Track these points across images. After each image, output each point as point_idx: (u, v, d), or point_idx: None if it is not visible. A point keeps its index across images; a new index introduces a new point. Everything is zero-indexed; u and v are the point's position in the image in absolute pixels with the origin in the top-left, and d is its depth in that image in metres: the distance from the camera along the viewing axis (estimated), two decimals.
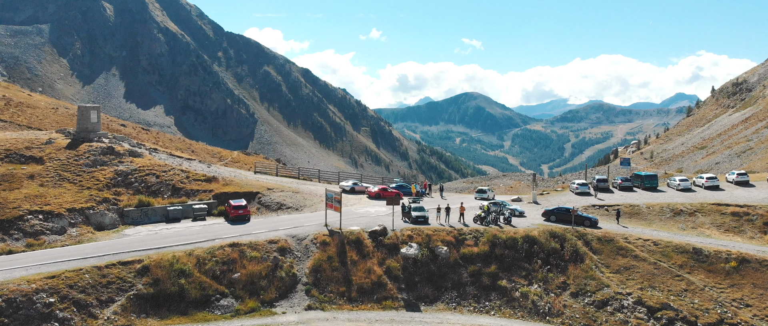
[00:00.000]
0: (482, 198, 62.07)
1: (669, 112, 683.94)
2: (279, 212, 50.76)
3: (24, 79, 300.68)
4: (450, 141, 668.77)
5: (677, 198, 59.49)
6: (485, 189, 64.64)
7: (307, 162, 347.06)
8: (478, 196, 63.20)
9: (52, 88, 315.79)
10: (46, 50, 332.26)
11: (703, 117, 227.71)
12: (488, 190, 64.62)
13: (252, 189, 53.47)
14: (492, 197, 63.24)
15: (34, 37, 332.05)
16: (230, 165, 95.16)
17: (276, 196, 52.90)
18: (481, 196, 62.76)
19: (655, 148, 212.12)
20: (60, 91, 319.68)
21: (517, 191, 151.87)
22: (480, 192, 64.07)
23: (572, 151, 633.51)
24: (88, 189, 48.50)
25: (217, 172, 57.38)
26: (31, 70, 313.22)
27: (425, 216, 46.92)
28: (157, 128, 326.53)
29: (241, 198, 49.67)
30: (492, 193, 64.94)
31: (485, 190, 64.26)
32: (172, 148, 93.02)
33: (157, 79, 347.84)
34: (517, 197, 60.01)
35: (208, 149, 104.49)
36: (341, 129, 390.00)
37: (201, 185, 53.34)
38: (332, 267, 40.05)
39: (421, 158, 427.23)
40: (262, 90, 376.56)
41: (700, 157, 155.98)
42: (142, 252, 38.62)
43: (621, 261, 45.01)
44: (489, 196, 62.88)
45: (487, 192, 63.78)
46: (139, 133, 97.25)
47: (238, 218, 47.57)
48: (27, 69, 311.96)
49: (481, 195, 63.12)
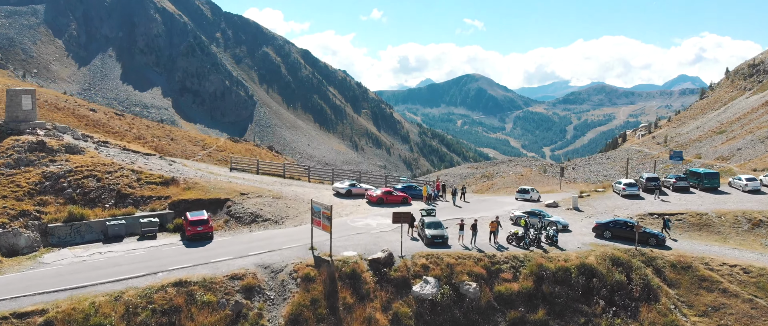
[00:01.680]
0: (524, 199, 51.64)
1: (672, 93, 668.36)
2: (253, 226, 38.50)
3: (18, 61, 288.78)
4: (451, 123, 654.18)
5: (749, 204, 47.27)
6: (528, 189, 53.29)
7: (308, 145, 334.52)
8: (520, 197, 52.42)
9: (47, 70, 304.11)
10: (41, 31, 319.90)
11: (718, 99, 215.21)
12: (532, 190, 53.30)
13: (220, 195, 41.17)
14: (537, 198, 52.36)
15: (29, 17, 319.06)
16: (214, 155, 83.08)
17: (250, 204, 40.61)
18: (523, 197, 52.11)
19: (668, 131, 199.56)
20: (55, 72, 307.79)
21: (530, 181, 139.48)
22: (522, 192, 52.98)
23: (574, 133, 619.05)
24: (3, 199, 36.34)
25: (179, 172, 45.03)
26: (26, 52, 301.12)
27: (444, 237, 34.60)
28: (154, 110, 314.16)
29: (203, 210, 37.37)
30: (537, 194, 53.58)
31: (528, 190, 53.05)
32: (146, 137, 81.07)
33: (154, 61, 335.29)
34: (552, 201, 47.77)
35: (191, 136, 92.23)
36: (341, 111, 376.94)
37: (155, 190, 41.09)
38: (318, 317, 27.89)
39: (422, 141, 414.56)
40: (260, 72, 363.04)
41: (719, 143, 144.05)
42: (53, 295, 26.62)
43: (706, 297, 32.94)
44: (533, 197, 52.15)
45: (531, 192, 52.67)
46: (110, 119, 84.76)
47: (197, 237, 35.38)
48: (21, 50, 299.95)
49: (523, 196, 52.31)
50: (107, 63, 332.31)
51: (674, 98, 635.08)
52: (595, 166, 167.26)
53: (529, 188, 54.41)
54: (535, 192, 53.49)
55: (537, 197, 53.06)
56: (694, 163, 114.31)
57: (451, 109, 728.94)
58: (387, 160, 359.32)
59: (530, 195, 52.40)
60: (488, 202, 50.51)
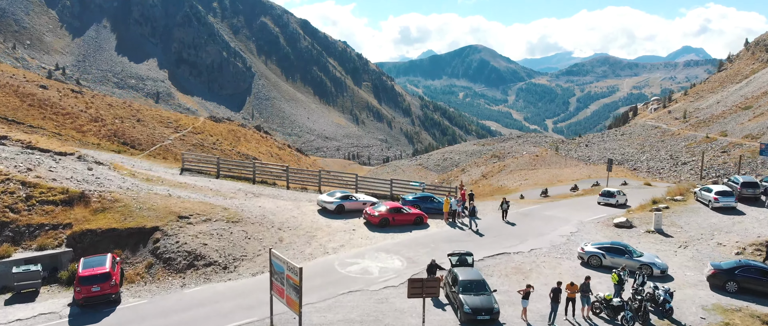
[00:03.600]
0: (608, 203, 41.23)
1: (676, 65, 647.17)
2: (189, 275, 24.39)
3: (11, 32, 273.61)
4: (453, 96, 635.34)
5: None
6: (614, 192, 42.20)
7: (307, 118, 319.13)
8: (603, 200, 41.92)
9: (40, 42, 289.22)
10: (34, 1, 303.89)
11: (739, 72, 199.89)
12: (618, 193, 42.14)
13: (146, 222, 26.96)
14: (624, 202, 41.55)
15: None
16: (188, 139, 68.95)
17: (191, 235, 26.47)
18: (607, 200, 41.58)
19: (686, 106, 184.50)
20: (49, 44, 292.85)
21: (546, 162, 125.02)
22: (607, 195, 41.99)
23: (577, 105, 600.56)
24: None
25: (98, 182, 30.69)
26: (19, 22, 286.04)
27: (493, 310, 20.19)
28: (150, 83, 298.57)
29: (105, 257, 23.21)
30: (624, 197, 42.14)
31: (613, 193, 42.03)
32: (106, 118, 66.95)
33: (149, 31, 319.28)
34: (624, 220, 33.51)
35: (162, 116, 78.24)
36: (342, 84, 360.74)
37: (52, 214, 27.00)
38: None
39: (424, 114, 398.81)
40: (259, 42, 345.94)
41: (745, 119, 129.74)
42: None
43: None
44: (619, 201, 41.33)
45: (616, 196, 41.63)
46: (63, 97, 70.33)
47: (92, 302, 21.51)
48: (14, 21, 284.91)
49: (608, 200, 41.57)
50: (102, 34, 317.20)
51: (678, 70, 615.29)
52: (610, 143, 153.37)
53: (615, 191, 42.49)
54: (621, 196, 41.79)
55: (623, 201, 41.66)
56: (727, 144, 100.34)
57: (453, 80, 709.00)
58: (388, 133, 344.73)
59: (616, 199, 41.18)
60: (535, 218, 35.87)
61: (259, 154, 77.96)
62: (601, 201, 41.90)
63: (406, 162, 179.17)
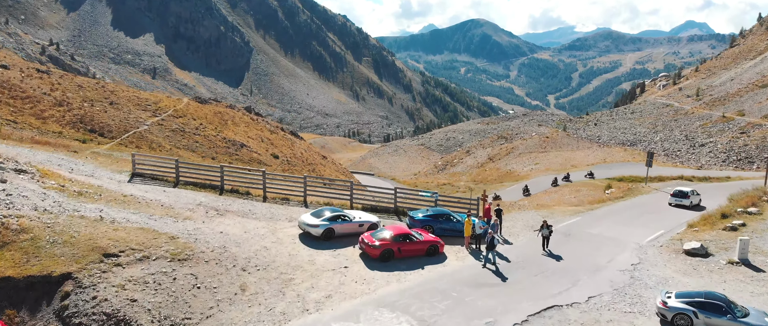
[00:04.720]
0: (680, 205, 38.00)
1: (680, 40, 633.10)
2: None
3: (5, 6, 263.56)
4: (454, 71, 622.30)
5: None
6: (687, 192, 38.57)
7: (306, 94, 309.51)
8: (675, 201, 38.49)
9: (35, 16, 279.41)
10: None
11: (753, 48, 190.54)
12: (692, 193, 38.44)
13: (55, 265, 18.86)
14: (697, 203, 38.39)
15: None
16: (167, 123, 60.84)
17: (115, 287, 18.35)
18: (679, 201, 38.23)
19: (697, 83, 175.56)
20: (43, 18, 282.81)
21: (556, 144, 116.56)
22: (679, 196, 38.45)
23: (579, 81, 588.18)
24: None
25: (3, 204, 22.39)
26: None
27: None
28: (147, 58, 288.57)
29: None
30: (698, 197, 38.75)
31: (687, 193, 38.45)
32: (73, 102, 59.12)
33: (145, 5, 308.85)
34: (697, 246, 25.45)
35: (140, 98, 70.00)
36: (341, 59, 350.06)
37: None
38: None
39: (425, 90, 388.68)
40: (257, 16, 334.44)
41: (763, 98, 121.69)
42: None
43: None
44: (693, 202, 38.01)
45: (691, 196, 38.13)
46: (26, 78, 61.78)
47: None
48: None
49: (680, 200, 38.16)
50: (97, 8, 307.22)
51: (682, 45, 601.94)
52: (619, 122, 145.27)
53: (688, 191, 38.58)
54: (695, 196, 38.33)
55: (697, 201, 38.42)
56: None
57: (455, 55, 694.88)
58: (389, 110, 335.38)
59: (690, 200, 37.71)
60: (579, 240, 27.51)
61: (248, 140, 69.30)
62: (672, 202, 38.42)
63: (408, 141, 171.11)
